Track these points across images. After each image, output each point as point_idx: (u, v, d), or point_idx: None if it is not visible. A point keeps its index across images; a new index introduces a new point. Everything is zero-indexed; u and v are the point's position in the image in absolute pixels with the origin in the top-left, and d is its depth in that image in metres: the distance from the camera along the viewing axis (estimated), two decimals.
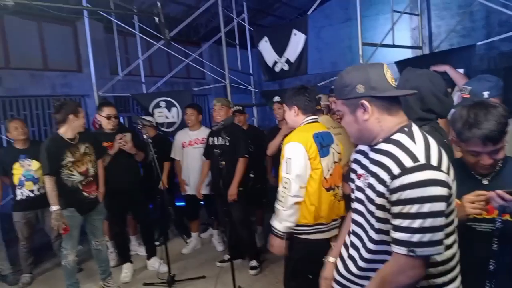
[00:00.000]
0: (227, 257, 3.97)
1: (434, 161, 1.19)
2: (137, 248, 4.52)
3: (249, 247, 4.03)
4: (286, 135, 3.75)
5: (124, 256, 4.05)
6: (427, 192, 1.14)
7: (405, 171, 1.17)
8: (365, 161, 1.37)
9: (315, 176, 2.38)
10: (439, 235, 1.16)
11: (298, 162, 2.33)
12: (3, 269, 4.00)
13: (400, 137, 1.26)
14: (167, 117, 5.45)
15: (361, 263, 1.36)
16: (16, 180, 3.88)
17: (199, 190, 4.27)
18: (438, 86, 1.90)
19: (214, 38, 6.83)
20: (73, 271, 3.44)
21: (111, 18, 6.22)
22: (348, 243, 1.46)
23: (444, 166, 1.21)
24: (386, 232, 1.25)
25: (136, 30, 6.48)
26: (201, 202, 4.64)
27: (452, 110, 1.98)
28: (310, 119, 2.50)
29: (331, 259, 1.62)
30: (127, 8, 5.24)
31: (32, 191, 3.90)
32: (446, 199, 1.17)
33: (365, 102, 1.27)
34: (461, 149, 1.60)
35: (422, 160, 1.18)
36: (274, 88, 7.47)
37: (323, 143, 2.44)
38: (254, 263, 3.94)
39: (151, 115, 5.30)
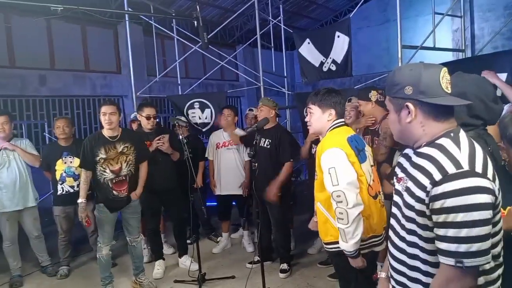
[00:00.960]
0: (256, 258, 3.96)
1: (478, 168, 1.14)
2: (164, 247, 4.58)
3: (283, 250, 4.01)
4: (314, 141, 3.77)
5: (157, 253, 4.13)
6: (471, 200, 1.09)
7: (447, 177, 1.13)
8: (407, 164, 1.33)
9: (360, 184, 2.13)
10: (486, 244, 1.11)
11: (345, 168, 2.08)
12: (42, 260, 4.18)
13: (445, 141, 1.21)
14: (200, 118, 5.53)
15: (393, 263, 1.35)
16: (58, 176, 4.05)
17: (245, 189, 4.34)
18: (485, 91, 1.83)
19: (249, 40, 6.88)
20: (107, 265, 3.54)
21: (151, 22, 6.40)
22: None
23: (489, 174, 1.15)
24: (418, 236, 1.23)
25: (174, 33, 6.63)
26: (233, 203, 4.67)
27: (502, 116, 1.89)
28: (338, 122, 2.27)
29: (383, 274, 1.53)
30: (167, 11, 5.37)
31: (72, 186, 4.06)
32: (491, 207, 1.12)
33: (410, 105, 1.24)
34: (508, 156, 1.52)
35: (466, 166, 1.13)
36: (308, 91, 7.41)
37: (358, 146, 2.23)
38: (285, 266, 3.91)
39: (185, 116, 5.40)
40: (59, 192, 4.07)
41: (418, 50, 4.83)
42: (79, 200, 3.39)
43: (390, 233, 1.39)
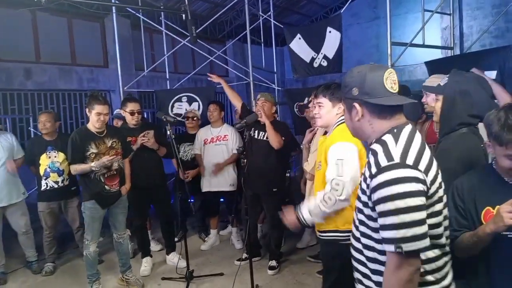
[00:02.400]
0: (245, 255, 3.95)
1: (409, 161, 1.23)
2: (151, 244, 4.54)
3: (275, 247, 4.00)
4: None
5: (144, 250, 4.08)
6: (401, 188, 1.18)
7: (380, 170, 1.24)
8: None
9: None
10: (422, 229, 1.19)
11: (352, 164, 2.10)
12: (29, 256, 4.11)
13: (387, 137, 1.31)
14: (186, 110, 5.45)
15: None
16: (42, 171, 3.97)
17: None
18: (486, 89, 1.89)
19: (239, 35, 6.82)
20: (94, 262, 3.49)
21: (138, 15, 6.31)
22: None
23: (421, 166, 1.24)
24: (370, 229, 1.32)
25: (162, 27, 6.54)
26: (221, 200, 4.64)
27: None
28: (342, 119, 2.23)
29: None
30: (155, 5, 5.29)
31: (56, 182, 3.99)
32: (423, 194, 1.21)
33: (357, 105, 1.34)
34: (496, 154, 1.52)
35: (396, 159, 1.23)
36: (297, 87, 7.41)
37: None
38: (273, 263, 3.90)
39: (168, 113, 5.29)
40: (43, 188, 3.99)
41: (407, 47, 4.84)
42: (92, 164, 3.25)
43: (352, 226, 1.48)
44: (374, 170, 1.26)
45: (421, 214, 1.20)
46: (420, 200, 1.20)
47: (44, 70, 6.75)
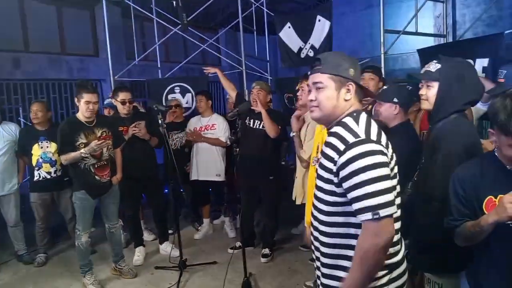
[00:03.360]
0: (238, 244, 3.96)
1: (373, 137, 1.35)
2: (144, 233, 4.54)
3: (269, 235, 4.02)
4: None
5: (137, 240, 4.08)
6: (372, 160, 1.29)
7: (348, 146, 1.33)
8: (323, 147, 1.49)
9: None
10: (392, 196, 1.31)
11: None
12: (18, 249, 4.09)
13: (348, 120, 1.41)
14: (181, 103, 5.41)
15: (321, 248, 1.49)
16: (34, 161, 3.92)
17: None
18: (477, 74, 1.89)
19: (231, 23, 6.74)
20: (86, 252, 3.47)
21: (129, 2, 6.20)
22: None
23: (383, 142, 1.37)
24: (336, 214, 1.40)
25: (153, 14, 6.44)
26: (209, 189, 4.64)
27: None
28: None
29: None
30: None
31: (49, 173, 3.95)
32: (387, 165, 1.33)
33: (353, 85, 1.43)
34: (499, 143, 1.46)
35: (362, 136, 1.34)
36: (291, 76, 7.36)
37: None
38: (266, 251, 3.92)
39: (161, 102, 5.26)
40: (35, 178, 3.95)
41: (400, 35, 4.82)
42: (82, 150, 3.20)
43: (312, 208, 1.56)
44: (341, 147, 1.34)
45: (391, 183, 1.32)
46: (387, 170, 1.32)
47: (33, 59, 6.62)
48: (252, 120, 3.89)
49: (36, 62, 6.68)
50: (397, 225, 1.41)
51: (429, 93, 1.88)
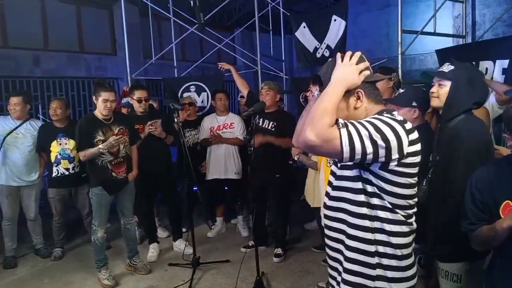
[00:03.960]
0: (251, 243, 3.97)
1: (407, 127, 1.32)
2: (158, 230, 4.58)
3: (280, 234, 4.02)
4: None
5: (151, 236, 4.12)
6: (384, 129, 1.25)
7: (380, 113, 1.36)
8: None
9: None
10: (358, 148, 1.23)
11: None
12: (36, 242, 4.18)
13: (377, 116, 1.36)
14: (195, 101, 5.45)
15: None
16: (53, 158, 4.01)
17: None
18: (484, 77, 1.97)
19: (247, 23, 6.75)
20: (102, 247, 3.53)
21: (147, 2, 6.27)
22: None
23: (410, 136, 1.31)
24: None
25: (170, 14, 6.50)
26: (225, 187, 4.65)
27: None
28: None
29: None
30: None
31: (67, 169, 4.02)
32: (389, 150, 1.26)
33: (361, 91, 1.38)
34: None
35: (398, 118, 1.34)
36: (306, 75, 7.33)
37: None
38: (279, 250, 3.92)
39: (178, 100, 5.31)
40: (53, 174, 4.04)
41: (418, 35, 4.76)
42: (100, 146, 3.27)
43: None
44: None
45: (370, 148, 1.24)
46: (383, 146, 1.24)
47: (52, 58, 6.77)
48: (261, 119, 3.88)
49: (55, 60, 6.82)
50: (410, 238, 1.40)
51: (441, 91, 1.96)
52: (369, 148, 1.24)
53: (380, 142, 1.24)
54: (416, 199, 1.42)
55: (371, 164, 1.31)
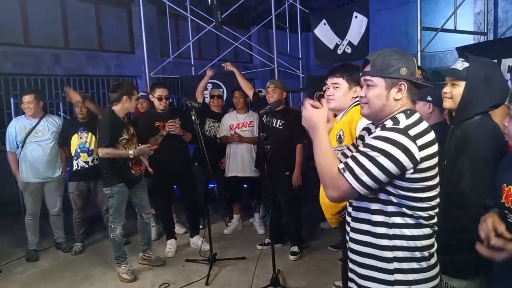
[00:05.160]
0: (267, 240, 3.98)
1: (411, 132, 1.31)
2: (175, 226, 4.62)
3: (293, 232, 4.02)
4: None
5: (169, 232, 4.18)
6: (388, 148, 1.27)
7: (383, 127, 1.37)
8: (367, 138, 1.47)
9: None
10: (368, 180, 1.29)
11: None
12: (58, 237, 4.28)
13: (400, 115, 1.39)
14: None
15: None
16: (73, 151, 4.10)
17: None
18: (503, 75, 1.81)
19: (264, 21, 6.76)
20: (121, 244, 3.59)
21: (164, 1, 6.33)
22: None
23: (419, 141, 1.30)
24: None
25: (187, 12, 6.55)
26: (245, 185, 4.67)
27: None
28: (357, 101, 2.12)
29: None
30: None
31: (86, 162, 4.10)
32: (399, 166, 1.27)
33: (405, 84, 1.39)
34: None
35: (401, 126, 1.32)
36: (323, 73, 7.29)
37: None
38: (295, 249, 3.92)
39: (195, 99, 5.34)
40: (74, 168, 4.14)
41: (438, 33, 4.68)
42: (131, 152, 3.38)
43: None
44: (378, 129, 1.39)
45: (381, 175, 1.28)
46: (392, 167, 1.27)
47: (72, 56, 6.90)
48: (273, 119, 3.87)
49: (74, 58, 6.95)
50: (431, 240, 1.40)
51: (454, 91, 1.81)
52: (380, 176, 1.29)
53: (387, 162, 1.27)
54: (438, 200, 1.40)
55: (394, 181, 1.33)
